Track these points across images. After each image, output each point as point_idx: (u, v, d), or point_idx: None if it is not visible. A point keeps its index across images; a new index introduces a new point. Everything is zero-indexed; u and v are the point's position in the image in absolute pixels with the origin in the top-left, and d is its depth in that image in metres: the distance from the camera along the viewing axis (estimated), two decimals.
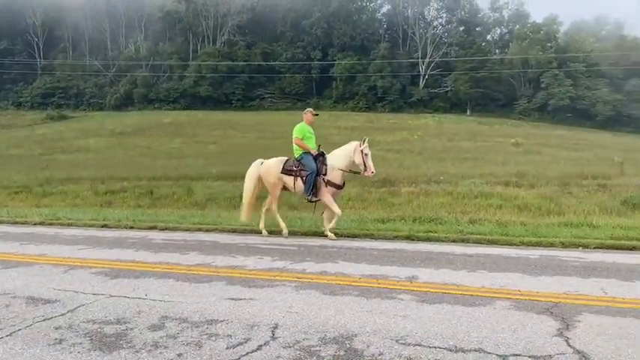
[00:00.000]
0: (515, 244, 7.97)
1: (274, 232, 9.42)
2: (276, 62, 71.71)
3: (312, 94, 72.27)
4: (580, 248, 7.61)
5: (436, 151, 33.82)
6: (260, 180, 9.42)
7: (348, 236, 8.97)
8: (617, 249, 7.54)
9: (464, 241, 8.38)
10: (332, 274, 6.07)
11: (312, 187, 8.84)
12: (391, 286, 5.43)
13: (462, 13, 76.66)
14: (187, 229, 10.25)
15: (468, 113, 66.43)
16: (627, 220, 10.29)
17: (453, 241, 8.40)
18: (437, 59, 70.36)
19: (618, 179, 16.73)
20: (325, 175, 8.86)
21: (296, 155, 9.25)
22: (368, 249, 7.72)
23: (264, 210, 9.55)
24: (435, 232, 9.11)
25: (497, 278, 5.73)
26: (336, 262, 6.70)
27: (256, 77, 71.43)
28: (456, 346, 3.76)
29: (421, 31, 73.75)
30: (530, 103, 65.96)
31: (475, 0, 76.90)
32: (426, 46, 71.75)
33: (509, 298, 4.91)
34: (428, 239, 8.58)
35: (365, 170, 8.78)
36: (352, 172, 9.03)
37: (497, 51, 76.70)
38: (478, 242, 8.24)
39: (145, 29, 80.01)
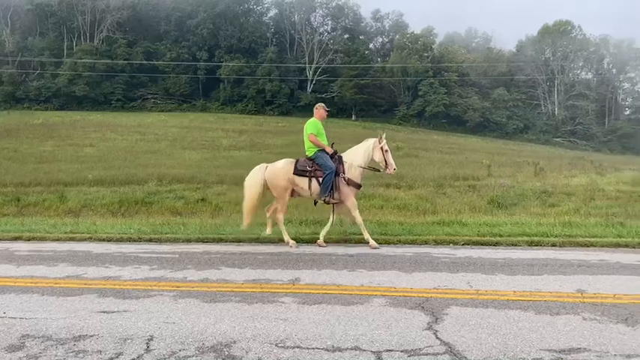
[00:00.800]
0: (393, 243, 8.35)
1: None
2: (160, 62, 69.04)
3: (198, 95, 70.59)
4: (450, 245, 8.15)
5: None
6: (264, 186, 8.52)
7: (232, 241, 8.83)
8: (482, 245, 8.16)
9: (347, 241, 8.62)
10: (214, 281, 5.93)
11: (331, 188, 8.26)
12: (274, 290, 5.43)
13: (347, 21, 79.26)
14: (58, 239, 9.47)
15: (353, 118, 68.80)
16: (492, 218, 11.21)
17: (337, 242, 8.60)
18: (323, 65, 72.06)
19: (486, 180, 18.21)
20: (344, 173, 8.36)
21: (309, 154, 8.58)
22: (253, 253, 7.66)
23: (268, 215, 8.76)
24: (319, 234, 9.26)
25: (376, 276, 5.95)
26: (219, 269, 6.56)
27: (138, 77, 68.16)
28: (333, 346, 3.83)
29: (308, 36, 75.09)
30: (409, 109, 69.85)
31: (359, 9, 79.90)
32: (313, 52, 73.22)
33: (385, 295, 5.12)
34: (313, 241, 8.70)
35: (386, 167, 8.45)
36: (372, 169, 8.71)
37: (379, 59, 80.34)
38: (360, 242, 8.50)
39: (12, 22, 73.15)
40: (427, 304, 4.83)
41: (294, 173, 8.38)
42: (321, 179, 8.21)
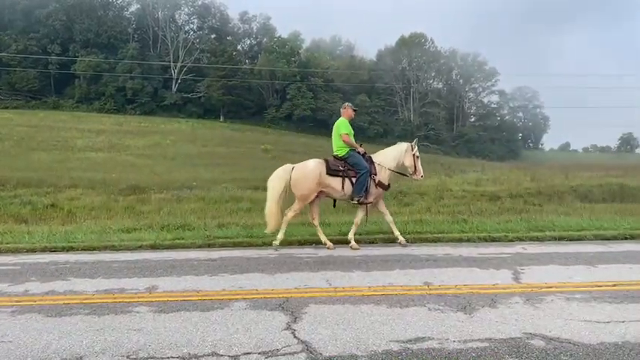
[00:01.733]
0: (258, 245, 8.36)
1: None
2: (4, 54, 62.14)
3: (50, 91, 64.70)
4: (313, 245, 8.35)
5: (190, 156, 33.60)
6: (288, 187, 8.14)
7: (85, 250, 8.20)
8: (343, 243, 8.48)
9: (210, 245, 8.44)
10: (61, 293, 5.46)
11: (366, 188, 8.05)
12: (128, 300, 5.13)
13: (213, 21, 78.01)
14: None
15: (221, 119, 67.85)
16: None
17: (200, 246, 8.39)
18: (189, 64, 70.13)
19: None
20: (376, 175, 8.22)
21: (340, 153, 8.36)
22: (108, 262, 7.17)
23: (285, 219, 8.26)
24: (183, 239, 8.97)
25: (238, 280, 5.90)
26: (67, 280, 6.05)
27: None
28: (189, 354, 3.72)
29: (172, 34, 72.59)
30: (278, 112, 70.65)
31: (226, 10, 79.04)
32: (178, 50, 70.92)
33: (246, 299, 5.09)
34: (174, 247, 8.40)
35: (415, 173, 8.52)
36: (400, 173, 8.71)
37: (247, 61, 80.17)
38: (224, 246, 8.39)
39: None
40: (287, 304, 4.89)
41: (327, 174, 8.17)
42: (354, 179, 8.13)
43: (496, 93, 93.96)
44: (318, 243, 8.38)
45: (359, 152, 8.40)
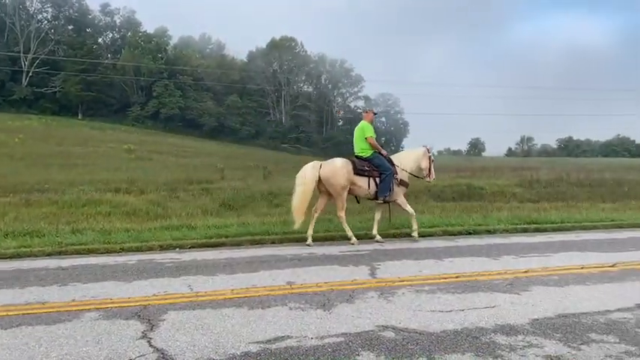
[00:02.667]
0: (116, 251, 7.90)
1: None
2: None
3: None
4: (177, 249, 8.10)
5: (42, 156, 30.74)
6: (318, 183, 8.61)
7: None
8: (209, 247, 8.34)
9: (62, 253, 7.81)
10: None
11: (390, 187, 8.69)
12: None
13: (71, 11, 72.34)
14: None
15: (79, 117, 63.07)
16: (222, 220, 11.54)
17: (49, 254, 7.72)
18: (43, 56, 64.25)
19: (219, 183, 18.67)
20: (397, 174, 8.87)
21: (364, 155, 8.95)
22: None
23: (315, 215, 8.86)
24: (30, 247, 8.18)
25: (91, 289, 5.52)
26: None
27: None
28: None
29: (23, 22, 65.96)
30: (144, 110, 67.45)
31: (85, 0, 73.68)
32: (30, 41, 64.61)
33: (99, 309, 4.78)
34: (19, 256, 7.63)
35: (428, 175, 9.39)
36: (414, 175, 9.38)
37: (109, 55, 75.45)
38: (78, 253, 7.81)
39: None
40: (144, 312, 4.68)
41: (355, 173, 8.68)
42: (378, 179, 8.74)
43: (362, 98, 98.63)
44: (181, 247, 8.16)
45: (382, 154, 9.04)
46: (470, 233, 9.71)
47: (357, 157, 9.06)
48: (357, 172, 8.73)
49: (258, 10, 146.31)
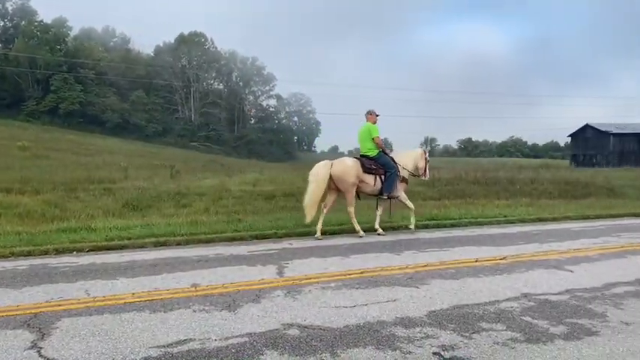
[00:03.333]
0: (4, 256, 7.31)
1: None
2: None
3: None
4: (75, 253, 7.65)
5: None
6: (329, 181, 9.20)
7: None
8: (110, 249, 7.95)
9: None
10: None
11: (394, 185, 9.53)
12: None
13: None
14: None
15: None
16: (124, 221, 11.05)
17: None
18: None
19: (123, 183, 17.85)
20: (400, 173, 9.72)
21: (371, 154, 9.62)
22: None
23: (325, 211, 9.43)
24: None
25: None
26: None
27: None
28: None
29: None
30: (40, 105, 63.06)
31: None
32: None
33: None
34: None
35: (424, 174, 10.38)
36: (412, 173, 10.25)
37: (0, 45, 69.67)
38: None
39: None
40: (35, 320, 4.38)
41: (363, 171, 9.38)
42: (383, 177, 9.53)
43: (274, 97, 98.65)
44: (79, 250, 7.72)
45: (386, 153, 9.79)
46: (376, 230, 10.01)
47: (362, 156, 9.76)
48: (366, 170, 9.46)
49: (165, 3, 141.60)
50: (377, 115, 10.21)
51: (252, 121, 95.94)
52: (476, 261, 6.99)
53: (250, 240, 8.88)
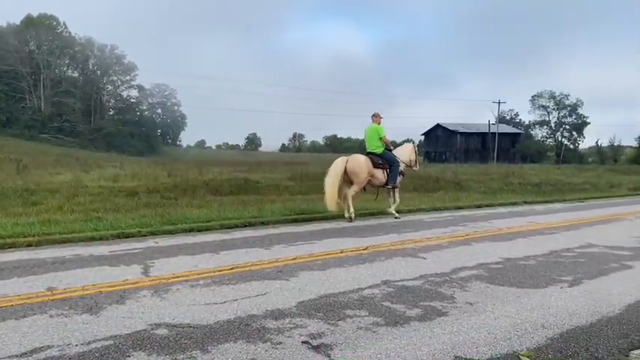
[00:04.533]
0: None
1: None
2: None
3: None
4: None
5: None
6: (344, 174, 10.68)
7: None
8: None
9: None
10: None
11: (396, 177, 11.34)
12: None
13: None
14: None
15: None
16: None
17: None
18: None
19: None
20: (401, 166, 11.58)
21: (377, 151, 11.22)
22: None
23: (350, 198, 10.86)
24: None
25: None
26: None
27: None
28: None
29: None
30: None
31: None
32: None
33: None
34: None
35: (415, 165, 12.23)
36: (406, 165, 11.91)
37: None
38: None
39: None
40: None
41: (374, 167, 10.94)
42: (388, 170, 11.21)
43: (135, 88, 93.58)
44: None
45: (390, 150, 11.51)
46: (246, 226, 10.05)
47: (369, 153, 11.30)
48: (375, 165, 11.07)
49: None
50: (381, 118, 11.69)
51: (111, 112, 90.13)
52: (341, 252, 7.35)
53: (112, 239, 8.41)
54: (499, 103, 75.61)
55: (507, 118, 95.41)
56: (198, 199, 15.35)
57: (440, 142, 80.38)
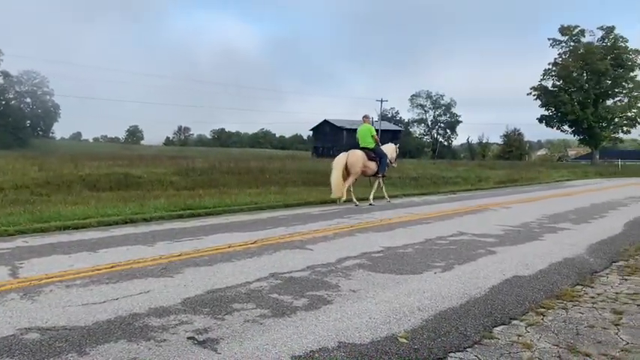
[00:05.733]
0: None
1: None
2: None
3: None
4: None
5: None
6: (345, 166, 13.32)
7: None
8: None
9: None
10: None
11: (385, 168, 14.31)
12: None
13: None
14: None
15: None
16: None
17: None
18: None
19: None
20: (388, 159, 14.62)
21: (371, 147, 13.86)
22: None
23: (347, 187, 13.47)
24: None
25: None
26: None
27: None
28: None
29: None
30: None
31: None
32: None
33: None
34: None
35: (393, 162, 15.33)
36: (389, 161, 14.68)
37: None
38: None
39: None
40: None
41: (368, 159, 13.60)
42: (378, 162, 13.88)
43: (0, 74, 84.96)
44: None
45: (379, 146, 14.12)
46: (126, 222, 9.60)
47: (362, 148, 13.80)
48: (369, 158, 13.63)
49: None
50: (371, 118, 14.35)
51: None
52: (229, 247, 7.29)
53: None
54: (381, 101, 79.24)
55: (389, 115, 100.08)
56: (74, 196, 14.38)
57: (327, 138, 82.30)
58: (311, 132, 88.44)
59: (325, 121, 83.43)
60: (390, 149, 14.87)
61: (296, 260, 6.51)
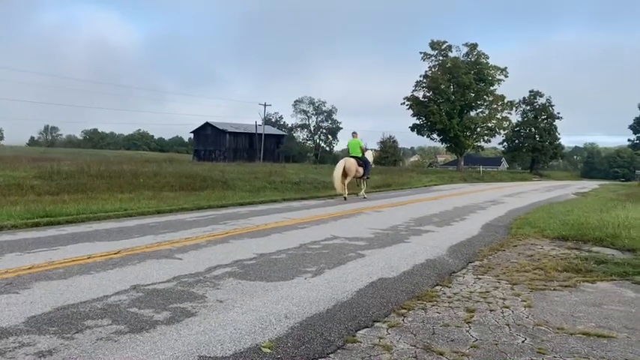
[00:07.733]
0: None
1: None
2: None
3: None
4: None
5: None
6: (344, 169, 18.10)
7: None
8: None
9: None
10: None
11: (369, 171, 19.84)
12: None
13: None
14: None
15: None
16: None
17: None
18: None
19: None
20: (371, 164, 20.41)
21: (359, 156, 18.88)
22: None
23: (346, 184, 18.29)
24: None
25: None
26: None
27: None
28: None
29: None
30: None
31: None
32: None
33: None
34: None
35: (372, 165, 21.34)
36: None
37: None
38: None
39: None
40: None
41: (358, 165, 18.49)
42: (364, 167, 18.88)
43: None
44: None
45: (364, 154, 19.31)
46: None
47: (352, 157, 18.63)
48: (359, 164, 18.50)
49: None
50: (358, 134, 19.63)
51: None
52: (88, 258, 6.77)
53: None
54: (265, 105, 79.20)
55: (273, 120, 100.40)
56: None
57: (209, 141, 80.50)
58: (192, 135, 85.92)
59: (207, 124, 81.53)
60: (371, 156, 20.43)
61: (162, 271, 6.20)
